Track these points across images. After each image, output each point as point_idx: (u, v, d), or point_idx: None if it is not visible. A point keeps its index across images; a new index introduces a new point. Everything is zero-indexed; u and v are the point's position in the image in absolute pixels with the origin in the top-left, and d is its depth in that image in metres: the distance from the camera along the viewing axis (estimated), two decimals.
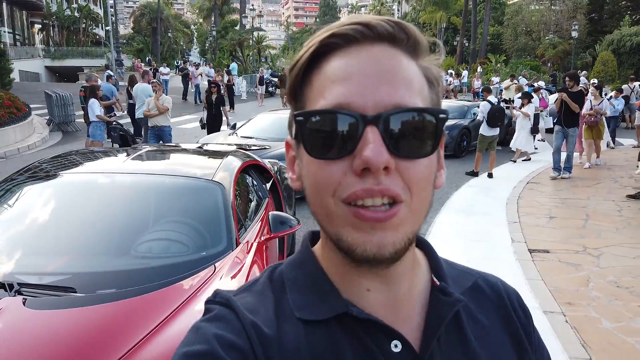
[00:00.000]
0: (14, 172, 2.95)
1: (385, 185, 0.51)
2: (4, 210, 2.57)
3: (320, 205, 0.54)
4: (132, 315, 1.94)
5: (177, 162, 3.35)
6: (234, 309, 0.58)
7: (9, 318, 1.82)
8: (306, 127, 0.53)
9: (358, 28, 0.53)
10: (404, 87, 0.53)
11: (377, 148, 0.50)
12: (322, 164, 0.53)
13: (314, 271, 0.62)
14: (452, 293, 0.62)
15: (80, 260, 2.26)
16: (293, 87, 0.58)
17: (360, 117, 0.51)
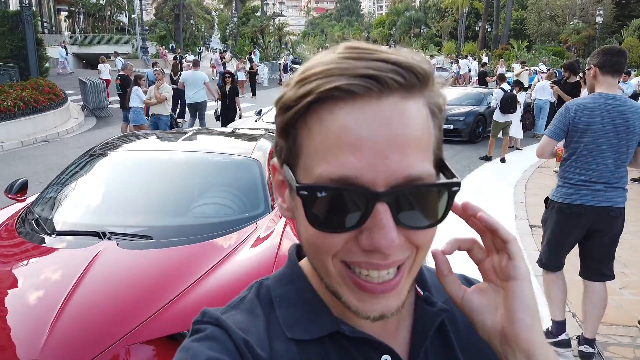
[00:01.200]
0: (89, 149, 3.60)
1: (392, 259, 0.50)
2: (92, 178, 3.23)
3: (317, 262, 0.54)
4: (194, 256, 2.55)
5: (221, 143, 3.97)
6: (225, 329, 0.56)
7: (107, 255, 2.45)
8: (310, 201, 0.50)
9: (365, 84, 0.48)
10: (415, 152, 0.50)
11: (390, 233, 0.48)
12: (324, 234, 0.51)
13: (303, 288, 0.61)
14: (435, 303, 0.62)
15: (153, 217, 2.89)
16: (286, 126, 0.54)
17: (370, 193, 0.48)
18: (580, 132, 2.90)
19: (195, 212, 2.98)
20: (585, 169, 2.91)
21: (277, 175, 0.58)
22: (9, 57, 15.42)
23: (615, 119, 2.84)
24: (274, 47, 39.42)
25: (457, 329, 0.64)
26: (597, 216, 2.90)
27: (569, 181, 2.97)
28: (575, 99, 3.18)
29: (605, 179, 2.88)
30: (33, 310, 2.11)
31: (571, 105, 2.97)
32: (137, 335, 2.07)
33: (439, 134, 0.55)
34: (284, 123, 0.53)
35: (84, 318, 2.08)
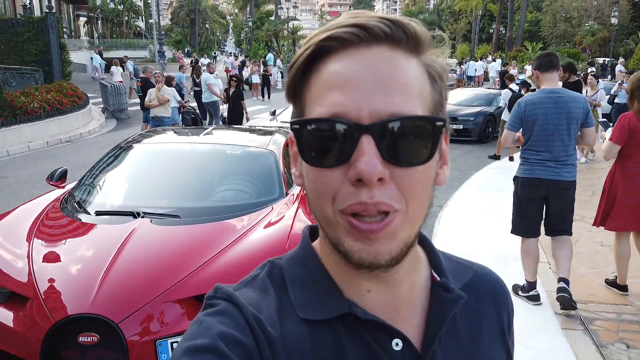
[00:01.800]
0: (122, 141, 3.99)
1: (378, 199, 0.51)
2: (126, 166, 3.61)
3: (320, 211, 0.55)
4: (217, 232, 2.90)
5: (240, 137, 4.33)
6: (237, 305, 0.57)
7: (143, 230, 2.81)
8: (302, 135, 0.54)
9: (354, 31, 0.53)
10: (400, 93, 0.52)
11: (371, 160, 0.50)
12: (319, 172, 0.53)
13: (316, 269, 0.62)
14: (453, 289, 0.62)
15: (181, 200, 3.25)
16: (292, 87, 0.59)
17: (355, 126, 0.51)
18: (530, 122, 3.58)
19: (218, 196, 3.34)
20: (538, 150, 3.59)
21: (294, 146, 0.60)
22: (33, 61, 16.01)
23: (557, 108, 3.51)
24: (287, 50, 39.89)
25: (469, 317, 0.65)
26: (550, 187, 3.59)
27: (527, 160, 3.68)
28: (524, 96, 3.98)
29: (556, 158, 3.55)
30: (82, 273, 2.48)
31: (521, 101, 3.67)
32: (169, 295, 2.43)
33: (440, 98, 0.57)
34: (291, 84, 0.58)
35: (125, 280, 2.43)
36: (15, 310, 2.43)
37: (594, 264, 4.40)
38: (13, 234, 2.92)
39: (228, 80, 11.59)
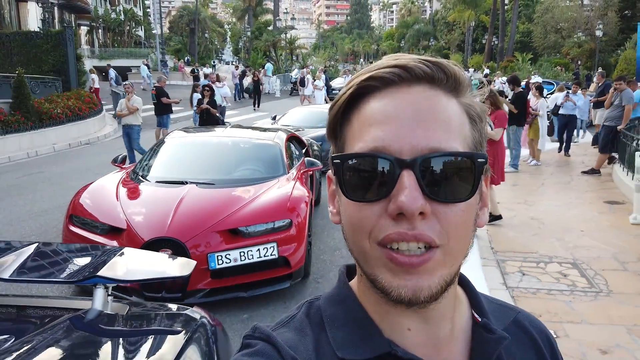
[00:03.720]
0: (164, 136, 5.38)
1: (419, 231, 0.50)
2: (172, 152, 5.01)
3: (357, 246, 0.55)
4: (240, 193, 4.28)
5: (254, 133, 5.75)
6: (275, 346, 0.57)
7: (192, 190, 4.20)
8: (343, 170, 0.54)
9: (395, 71, 0.54)
10: (442, 130, 0.53)
11: (412, 193, 0.50)
12: (358, 206, 0.53)
13: (354, 308, 0.61)
14: (495, 330, 0.60)
15: (214, 173, 4.64)
16: (333, 126, 0.59)
17: (396, 160, 0.51)
18: None
19: (239, 172, 4.75)
20: None
21: (331, 185, 0.61)
22: (50, 70, 17.37)
23: None
24: (285, 59, 41.37)
25: (513, 358, 0.62)
26: None
27: None
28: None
29: None
30: (158, 213, 3.86)
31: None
32: (213, 228, 3.80)
33: (480, 137, 0.57)
34: (332, 123, 0.60)
35: (186, 218, 3.82)
36: (115, 238, 3.79)
37: (524, 230, 5.77)
38: (103, 192, 4.31)
39: (201, 91, 11.25)
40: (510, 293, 4.07)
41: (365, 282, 0.58)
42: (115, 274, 1.88)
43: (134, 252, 2.12)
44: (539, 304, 3.88)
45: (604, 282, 4.27)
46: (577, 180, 8.68)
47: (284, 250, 3.93)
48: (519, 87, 9.52)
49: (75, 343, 1.60)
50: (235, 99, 24.86)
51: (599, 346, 3.25)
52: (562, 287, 4.18)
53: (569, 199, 7.32)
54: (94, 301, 1.80)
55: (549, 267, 4.62)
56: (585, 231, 5.68)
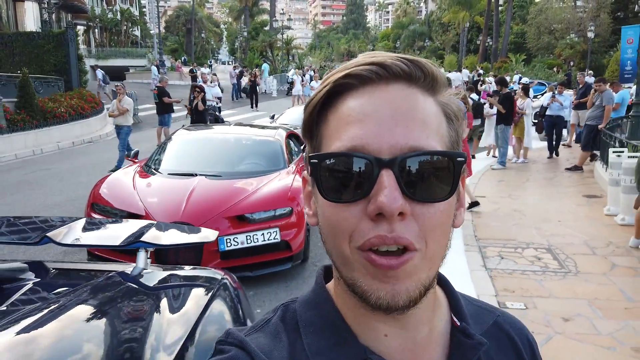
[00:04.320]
0: (165, 135, 5.81)
1: (397, 233, 0.50)
2: (181, 147, 5.45)
3: (336, 249, 0.54)
4: (245, 184, 4.71)
5: (256, 130, 6.19)
6: (248, 351, 0.57)
7: (202, 182, 4.63)
8: (320, 170, 0.53)
9: (373, 69, 0.53)
10: (420, 128, 0.52)
11: (392, 193, 0.49)
12: (337, 208, 0.52)
13: (330, 313, 0.60)
14: (473, 335, 0.60)
15: (220, 167, 5.07)
16: (309, 125, 0.59)
17: (375, 160, 0.50)
18: None
19: (244, 165, 5.19)
20: None
21: (307, 186, 0.61)
22: (52, 71, 17.73)
23: None
24: (282, 60, 41.77)
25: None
26: None
27: None
28: None
29: None
30: (172, 200, 4.31)
31: None
32: (221, 214, 4.24)
33: (456, 136, 0.57)
34: (307, 122, 0.59)
35: (198, 205, 4.26)
36: None
37: (505, 221, 6.23)
38: (120, 183, 4.74)
39: (191, 91, 11.12)
40: (489, 273, 4.53)
41: (342, 286, 0.57)
42: (154, 240, 2.31)
43: (167, 224, 2.56)
44: (514, 282, 4.34)
45: (574, 264, 4.73)
46: (560, 176, 9.16)
47: (285, 235, 4.37)
48: (506, 88, 9.96)
49: (122, 293, 2.02)
50: (233, 99, 25.26)
51: (562, 315, 3.70)
52: (535, 269, 4.64)
53: (550, 193, 7.80)
54: (138, 261, 2.24)
55: (525, 252, 5.08)
56: (562, 221, 6.14)
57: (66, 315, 1.44)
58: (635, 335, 3.41)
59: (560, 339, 3.37)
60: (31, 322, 1.26)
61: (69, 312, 1.49)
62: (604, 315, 3.71)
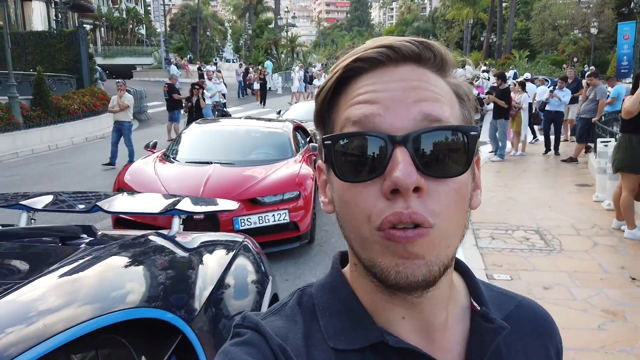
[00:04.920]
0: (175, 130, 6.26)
1: (413, 209, 0.50)
2: (197, 138, 5.89)
3: (355, 231, 0.54)
4: (256, 170, 5.15)
5: (265, 123, 6.63)
6: (263, 334, 0.57)
7: (217, 169, 5.07)
8: (335, 151, 0.53)
9: (383, 50, 0.54)
10: (432, 100, 0.52)
11: (407, 168, 0.49)
12: (353, 188, 0.52)
13: (346, 296, 0.60)
14: (494, 319, 0.60)
15: (233, 155, 5.51)
16: (320, 113, 0.59)
17: (389, 138, 0.50)
18: None
19: (254, 154, 5.62)
20: None
21: (322, 175, 0.61)
22: (64, 69, 18.22)
23: None
24: (286, 57, 42.16)
25: (512, 350, 0.61)
26: None
27: None
28: None
29: None
30: (191, 185, 4.74)
31: None
32: (236, 197, 4.64)
33: (469, 116, 0.57)
34: (319, 110, 0.59)
35: (215, 189, 4.69)
36: None
37: (500, 209, 6.64)
38: (142, 171, 5.19)
39: (190, 89, 11.08)
40: (480, 251, 4.94)
41: (360, 270, 0.57)
42: (186, 208, 2.75)
43: (195, 197, 3.00)
44: (502, 258, 4.75)
45: (559, 243, 5.14)
46: (556, 167, 9.55)
47: (293, 216, 4.80)
48: (505, 83, 10.29)
49: (160, 248, 2.45)
50: (239, 96, 25.71)
51: (543, 285, 4.12)
52: (523, 247, 5.05)
53: (544, 183, 8.19)
54: (172, 226, 2.68)
55: (515, 234, 5.49)
56: (553, 207, 6.54)
57: (114, 261, 1.79)
58: (607, 300, 3.82)
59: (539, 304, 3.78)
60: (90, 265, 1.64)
61: (116, 258, 1.83)
62: (581, 284, 4.11)
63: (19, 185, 8.44)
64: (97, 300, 1.38)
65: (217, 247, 2.60)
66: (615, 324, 3.47)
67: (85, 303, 1.35)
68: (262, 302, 2.32)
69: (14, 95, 12.51)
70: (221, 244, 2.64)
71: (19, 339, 1.08)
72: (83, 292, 1.41)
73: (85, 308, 1.32)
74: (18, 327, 1.12)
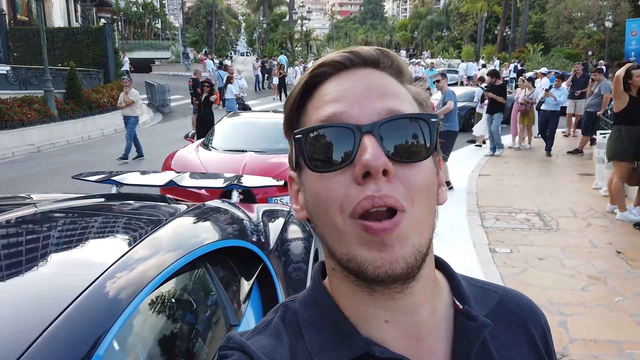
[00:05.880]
0: (225, 114, 6.99)
1: (385, 192, 0.51)
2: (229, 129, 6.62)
3: (328, 224, 0.55)
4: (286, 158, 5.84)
5: None
6: (249, 354, 0.57)
7: (252, 156, 5.78)
8: (305, 144, 0.55)
9: (345, 55, 0.58)
10: (394, 97, 0.56)
11: (375, 151, 0.51)
12: (325, 179, 0.54)
13: (329, 309, 0.61)
14: (477, 317, 0.60)
15: (264, 144, 6.20)
16: (289, 120, 0.61)
17: (356, 127, 0.53)
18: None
19: (283, 144, 6.31)
20: None
21: (293, 185, 0.63)
22: (90, 64, 19.08)
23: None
24: (301, 51, 42.75)
25: (499, 345, 0.62)
26: None
27: None
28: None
29: None
30: (231, 168, 5.43)
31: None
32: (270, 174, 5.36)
33: None
34: (289, 116, 0.62)
35: (252, 172, 5.37)
36: None
37: (500, 193, 7.25)
38: (186, 158, 5.92)
39: (200, 86, 10.98)
40: (485, 230, 5.57)
41: (338, 274, 0.58)
42: (244, 183, 3.44)
43: (249, 176, 3.69)
44: (504, 235, 5.38)
45: (556, 223, 5.75)
46: (561, 158, 10.10)
47: None
48: (499, 80, 10.75)
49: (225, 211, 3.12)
50: (256, 90, 26.40)
51: (538, 256, 4.74)
52: (523, 227, 5.67)
53: (549, 172, 8.77)
54: (232, 198, 3.38)
55: (518, 216, 6.11)
56: (554, 193, 7.13)
57: (213, 213, 2.46)
58: (592, 268, 4.43)
59: (533, 271, 4.42)
60: (203, 215, 2.31)
61: (213, 214, 2.49)
62: (572, 256, 4.73)
63: (64, 172, 9.22)
64: (213, 235, 2.06)
65: (273, 212, 3.26)
66: (597, 286, 4.09)
67: (204, 236, 2.03)
68: (309, 255, 2.99)
69: (49, 89, 13.33)
70: (276, 211, 3.31)
71: (171, 252, 1.75)
72: (201, 231, 2.09)
73: (204, 237, 1.99)
74: (174, 245, 1.79)
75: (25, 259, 1.49)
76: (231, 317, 1.85)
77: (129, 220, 2.14)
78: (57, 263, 1.50)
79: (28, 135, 12.28)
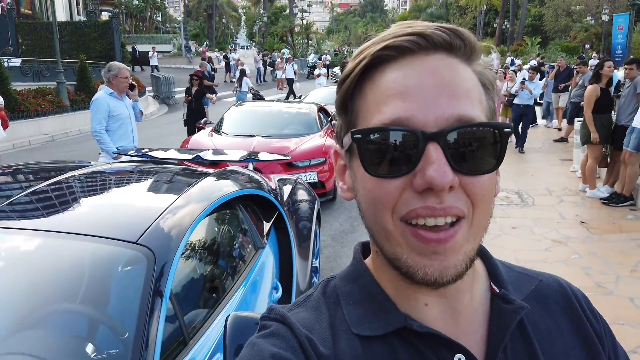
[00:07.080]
0: (234, 104, 7.65)
1: (448, 204, 0.50)
2: (239, 115, 7.29)
3: (377, 222, 0.54)
4: (291, 142, 6.50)
5: (294, 104, 7.99)
6: (289, 325, 0.58)
7: (260, 140, 6.44)
8: (364, 145, 0.52)
9: (413, 39, 0.53)
10: (465, 98, 0.52)
11: (442, 168, 0.49)
12: (379, 181, 0.52)
13: (369, 284, 0.61)
14: (513, 300, 0.60)
15: (271, 130, 6.87)
16: (344, 99, 0.58)
17: (422, 133, 0.50)
18: None
19: (288, 129, 6.98)
20: None
21: (339, 160, 0.61)
22: (98, 57, 19.66)
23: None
24: (301, 44, 43.29)
25: (537, 329, 0.62)
26: None
27: None
28: None
29: None
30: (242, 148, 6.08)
31: None
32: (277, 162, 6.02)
33: (493, 105, 0.57)
34: (342, 97, 0.58)
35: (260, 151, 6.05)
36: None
37: None
38: (201, 142, 6.59)
39: (189, 80, 10.70)
40: None
41: (382, 260, 0.58)
42: (257, 157, 4.12)
43: (263, 152, 4.38)
44: None
45: (532, 200, 6.41)
46: (547, 146, 10.75)
47: (321, 177, 6.14)
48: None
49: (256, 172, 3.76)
50: (258, 82, 26.99)
51: (511, 225, 5.42)
52: (502, 203, 6.33)
53: (533, 158, 9.43)
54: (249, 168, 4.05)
55: (499, 194, 6.75)
56: (535, 176, 7.80)
57: (239, 175, 3.13)
58: (557, 235, 5.11)
59: (506, 237, 5.09)
60: (229, 175, 2.98)
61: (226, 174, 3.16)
62: (541, 225, 5.41)
63: (83, 158, 9.88)
64: (241, 185, 2.73)
65: (285, 179, 3.92)
66: (559, 247, 4.77)
67: (235, 186, 2.69)
68: (313, 214, 3.66)
69: (62, 81, 13.96)
70: (287, 179, 3.97)
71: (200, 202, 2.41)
72: (233, 183, 2.75)
73: (236, 187, 2.65)
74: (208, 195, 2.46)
75: (121, 193, 2.18)
76: (257, 241, 2.54)
77: (182, 176, 2.82)
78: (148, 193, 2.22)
79: (43, 124, 12.92)
